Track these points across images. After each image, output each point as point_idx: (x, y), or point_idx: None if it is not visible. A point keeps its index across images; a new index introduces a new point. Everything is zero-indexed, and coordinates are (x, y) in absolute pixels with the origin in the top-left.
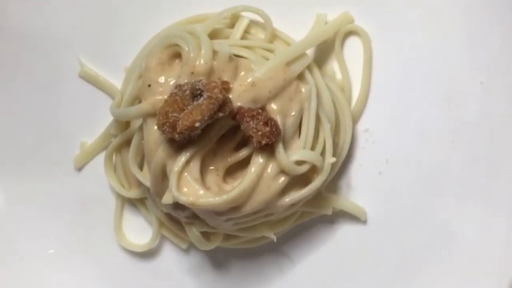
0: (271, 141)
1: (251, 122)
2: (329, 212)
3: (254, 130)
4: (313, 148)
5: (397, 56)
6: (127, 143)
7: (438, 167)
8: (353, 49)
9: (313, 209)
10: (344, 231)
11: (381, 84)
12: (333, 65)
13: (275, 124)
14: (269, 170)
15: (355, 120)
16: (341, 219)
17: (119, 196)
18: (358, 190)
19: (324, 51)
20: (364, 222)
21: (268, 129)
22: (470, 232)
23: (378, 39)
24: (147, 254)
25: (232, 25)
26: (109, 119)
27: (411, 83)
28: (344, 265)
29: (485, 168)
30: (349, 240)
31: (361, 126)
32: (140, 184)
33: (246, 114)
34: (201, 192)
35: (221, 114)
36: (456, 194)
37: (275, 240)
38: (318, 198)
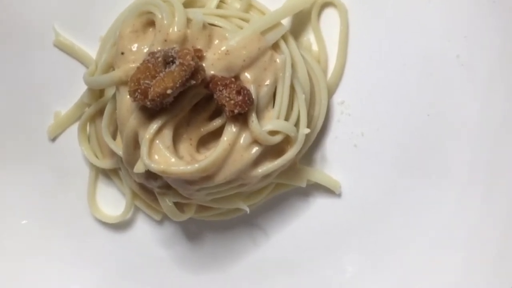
0: (243, 110)
1: (224, 91)
2: (303, 184)
3: (227, 99)
4: (287, 118)
5: (374, 28)
6: (101, 112)
7: (414, 140)
8: (329, 20)
9: (287, 181)
10: (318, 204)
11: (357, 56)
12: (310, 37)
13: (248, 93)
14: (242, 140)
15: (330, 92)
16: (315, 192)
17: (93, 167)
18: (333, 163)
19: (301, 22)
20: (339, 195)
21: (240, 98)
22: (445, 209)
23: (354, 11)
24: (121, 226)
25: None
26: (84, 89)
27: (387, 56)
28: (318, 237)
29: (464, 142)
30: (323, 213)
31: (336, 98)
32: (113, 154)
33: (219, 83)
34: (173, 160)
35: (193, 82)
36: (432, 168)
37: (248, 212)
38: (292, 170)
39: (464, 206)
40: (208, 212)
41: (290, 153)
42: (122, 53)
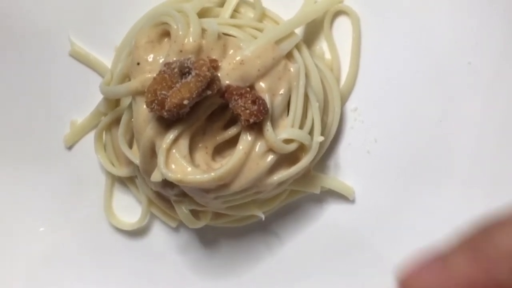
0: (258, 120)
1: (239, 100)
2: (317, 191)
3: (242, 109)
4: (301, 127)
5: (386, 36)
6: (117, 121)
7: (427, 146)
8: (342, 29)
9: (302, 188)
10: (332, 210)
11: (370, 63)
12: (322, 45)
13: (263, 103)
14: (257, 148)
15: (343, 99)
16: (329, 198)
17: (109, 175)
18: (346, 169)
19: (313, 31)
20: (352, 201)
21: (256, 107)
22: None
23: (366, 19)
24: (137, 233)
25: (221, 4)
26: (99, 98)
27: (399, 63)
28: (331, 243)
29: (474, 148)
30: (337, 219)
31: (349, 105)
32: (130, 162)
33: (234, 92)
34: (189, 169)
35: (209, 92)
36: (444, 176)
37: (263, 219)
38: (306, 177)
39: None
40: (223, 219)
41: (305, 161)
42: (138, 64)
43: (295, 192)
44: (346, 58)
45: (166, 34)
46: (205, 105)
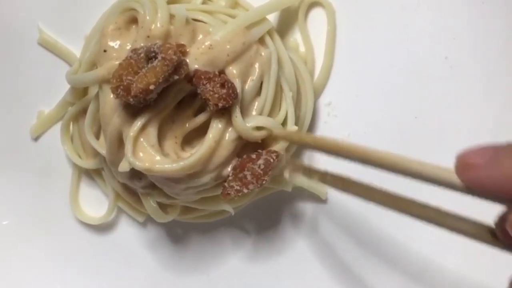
0: (228, 104)
1: (207, 85)
2: (288, 189)
3: (211, 93)
4: (274, 117)
5: (361, 29)
6: (84, 112)
7: (400, 143)
8: (317, 21)
9: (273, 185)
10: (303, 209)
11: (344, 57)
12: (297, 37)
13: (232, 86)
14: (227, 136)
15: (317, 93)
16: (300, 196)
17: (76, 167)
18: (319, 166)
19: (288, 22)
20: (325, 201)
21: (225, 91)
22: None
23: (342, 11)
24: (104, 227)
25: None
26: (67, 88)
27: (375, 57)
28: (301, 242)
29: (452, 145)
30: (308, 217)
31: (323, 99)
32: (96, 154)
33: (202, 77)
34: (158, 158)
35: (176, 77)
36: None
37: (232, 214)
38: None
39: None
40: (192, 214)
41: (277, 147)
42: (105, 51)
43: (266, 188)
44: (321, 51)
45: (134, 20)
46: (173, 92)
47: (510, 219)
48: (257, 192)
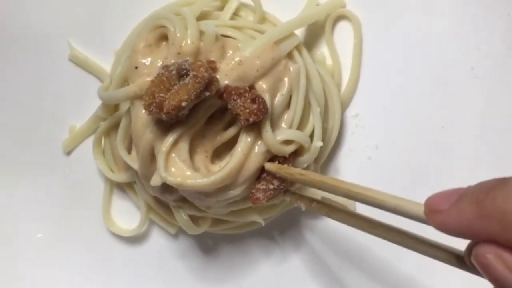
0: (258, 119)
1: (238, 100)
2: (318, 199)
3: (242, 108)
4: (301, 131)
5: (388, 41)
6: (116, 126)
7: (428, 152)
8: (343, 34)
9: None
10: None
11: (371, 69)
12: (323, 50)
13: (263, 101)
14: (256, 149)
15: (344, 105)
16: None
17: (108, 181)
18: (347, 176)
19: (315, 35)
20: (353, 211)
21: (255, 106)
22: None
23: (368, 24)
24: (136, 239)
25: (221, 8)
26: (99, 103)
27: (401, 69)
28: (332, 251)
29: (475, 155)
30: (337, 227)
31: (350, 111)
32: (128, 168)
33: (233, 92)
34: (189, 173)
35: (207, 93)
36: (446, 182)
37: (263, 225)
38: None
39: None
40: (223, 225)
41: (302, 160)
42: (136, 68)
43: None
44: (347, 63)
45: (164, 37)
46: (204, 107)
47: (474, 254)
48: (287, 203)
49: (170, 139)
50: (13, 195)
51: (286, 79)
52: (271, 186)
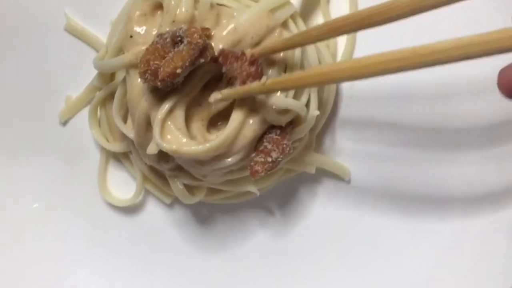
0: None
1: (234, 64)
2: (312, 171)
3: (239, 71)
4: (297, 100)
5: None
6: (111, 96)
7: (425, 124)
8: (339, 4)
9: (297, 167)
10: (327, 189)
11: (366, 40)
12: (319, 21)
13: (261, 64)
14: (251, 118)
15: None
16: (324, 178)
17: (103, 150)
18: (342, 147)
19: (310, 6)
20: (348, 181)
21: (253, 68)
22: (458, 193)
23: None
24: (131, 209)
25: None
26: (95, 73)
27: (397, 39)
28: (326, 222)
29: (473, 124)
30: (332, 198)
31: (346, 82)
32: (124, 137)
33: (229, 55)
34: (185, 140)
35: (202, 60)
36: (443, 152)
37: (258, 195)
38: (302, 156)
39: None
40: (219, 195)
41: (299, 130)
42: (131, 36)
43: (290, 170)
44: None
45: (159, 6)
46: (199, 74)
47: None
48: (281, 174)
49: (165, 106)
50: (9, 165)
51: None
52: (270, 159)
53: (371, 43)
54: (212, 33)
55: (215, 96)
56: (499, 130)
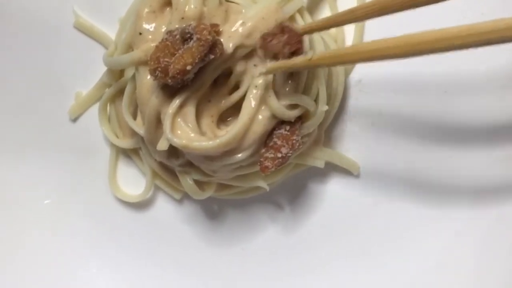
0: (297, 46)
1: (273, 41)
2: (321, 165)
3: (280, 45)
4: (306, 95)
5: None
6: (121, 93)
7: (432, 119)
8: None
9: (306, 162)
10: (336, 184)
11: (374, 35)
12: (326, 15)
13: (292, 28)
14: (261, 114)
15: (347, 71)
16: (333, 172)
17: (113, 147)
18: (350, 142)
19: (318, 1)
20: (357, 176)
21: (286, 36)
22: (466, 188)
23: None
24: (141, 205)
25: None
26: (104, 69)
27: (404, 33)
28: (335, 216)
29: (479, 117)
30: (341, 192)
31: (354, 77)
32: (134, 134)
33: (265, 37)
34: (195, 136)
35: (212, 56)
36: (450, 146)
37: (267, 190)
38: (311, 151)
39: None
40: (228, 190)
41: (308, 125)
42: (140, 33)
43: (299, 165)
44: (350, 29)
45: (168, 3)
46: (209, 71)
47: None
48: (290, 168)
49: (176, 101)
50: (20, 161)
51: None
52: (279, 155)
53: (379, 36)
54: (221, 29)
55: (260, 70)
56: (509, 123)
